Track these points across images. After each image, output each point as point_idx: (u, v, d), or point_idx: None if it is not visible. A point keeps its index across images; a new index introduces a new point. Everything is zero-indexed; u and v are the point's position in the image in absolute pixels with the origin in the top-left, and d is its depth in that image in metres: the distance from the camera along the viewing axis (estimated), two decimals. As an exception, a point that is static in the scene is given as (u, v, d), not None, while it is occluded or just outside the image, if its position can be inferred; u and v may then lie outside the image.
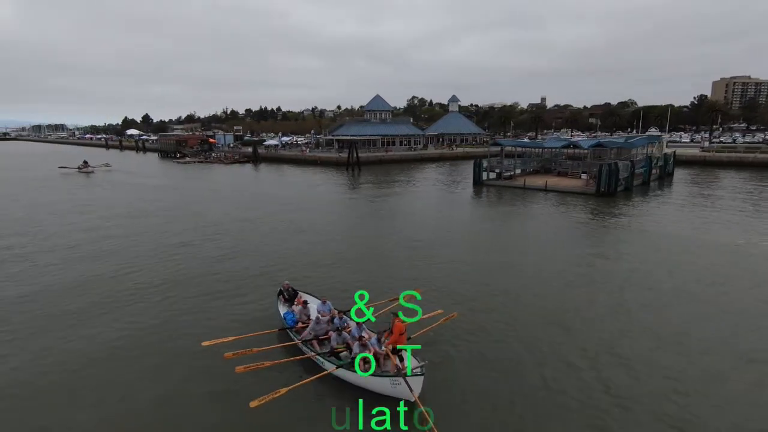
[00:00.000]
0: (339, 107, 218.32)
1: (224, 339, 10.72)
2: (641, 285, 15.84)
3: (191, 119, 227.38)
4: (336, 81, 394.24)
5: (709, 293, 15.01)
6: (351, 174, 54.51)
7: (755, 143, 77.59)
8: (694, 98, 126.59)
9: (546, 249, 20.65)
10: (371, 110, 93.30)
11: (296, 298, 12.87)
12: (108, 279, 16.93)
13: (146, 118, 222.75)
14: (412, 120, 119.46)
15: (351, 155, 59.20)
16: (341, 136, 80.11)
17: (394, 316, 9.98)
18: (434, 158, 76.12)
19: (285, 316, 12.12)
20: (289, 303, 12.92)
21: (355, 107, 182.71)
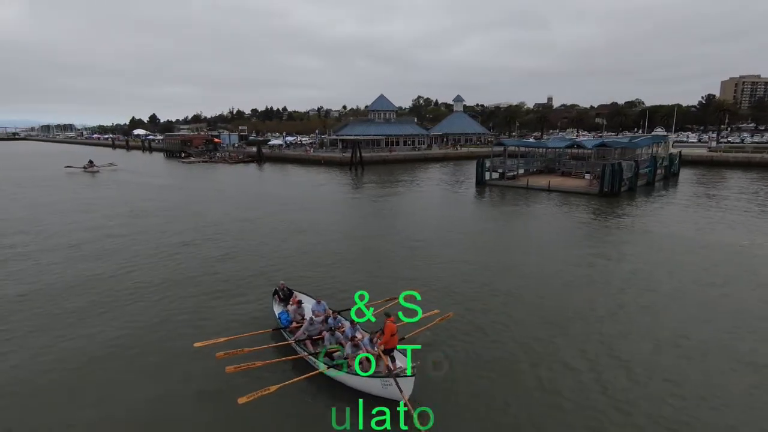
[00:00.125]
0: (345, 107, 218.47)
1: (217, 340, 10.73)
2: (642, 286, 15.69)
3: (198, 119, 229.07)
4: (342, 81, 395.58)
5: (711, 294, 14.83)
6: (354, 174, 54.57)
7: (764, 143, 76.84)
8: (702, 98, 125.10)
9: (547, 249, 20.52)
10: (375, 110, 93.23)
11: (291, 298, 12.86)
12: (107, 278, 17.04)
13: (153, 118, 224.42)
14: (418, 120, 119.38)
15: (354, 155, 59.27)
16: (345, 136, 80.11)
17: (386, 317, 9.93)
18: (438, 158, 75.97)
19: (279, 316, 12.12)
20: (285, 303, 12.91)
21: (361, 107, 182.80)
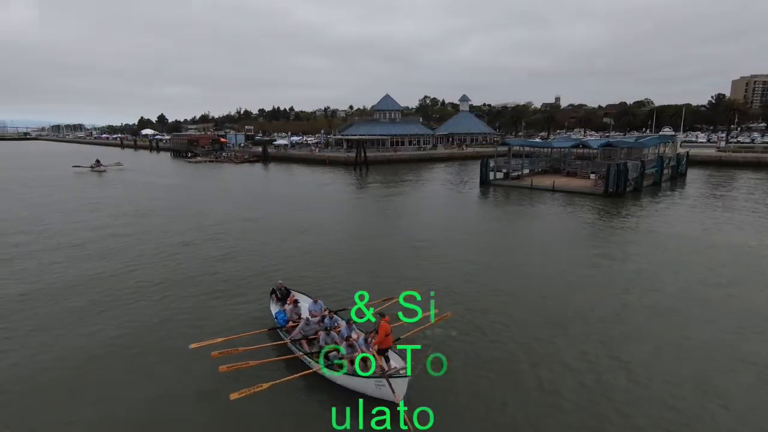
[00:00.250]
0: (351, 107, 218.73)
1: (213, 340, 10.70)
2: (646, 286, 15.49)
3: (205, 119, 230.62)
4: (349, 81, 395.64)
5: (717, 295, 14.60)
6: (358, 174, 54.55)
7: (774, 143, 75.56)
8: (712, 97, 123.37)
9: (550, 249, 20.33)
10: (381, 110, 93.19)
11: (288, 297, 12.83)
12: (108, 277, 17.13)
13: (161, 118, 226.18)
14: (424, 120, 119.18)
15: (359, 155, 59.27)
16: (350, 136, 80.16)
17: (381, 317, 9.86)
18: (443, 158, 75.73)
19: (276, 316, 12.08)
20: (282, 302, 12.87)
21: (367, 107, 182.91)
